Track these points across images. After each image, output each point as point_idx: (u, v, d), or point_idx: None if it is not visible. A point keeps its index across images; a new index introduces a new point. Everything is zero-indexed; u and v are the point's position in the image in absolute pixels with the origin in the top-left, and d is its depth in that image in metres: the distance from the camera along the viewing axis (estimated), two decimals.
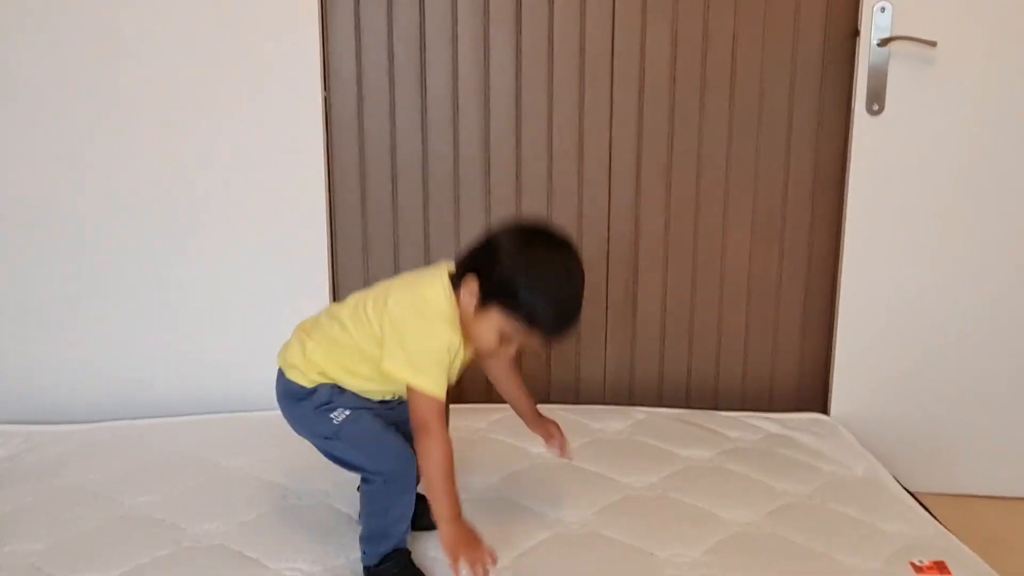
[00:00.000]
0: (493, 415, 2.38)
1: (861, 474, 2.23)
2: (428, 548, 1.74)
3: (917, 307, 2.57)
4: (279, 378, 1.71)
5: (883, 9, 2.41)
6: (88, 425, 2.41)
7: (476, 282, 1.58)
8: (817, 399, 2.69)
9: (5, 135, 2.43)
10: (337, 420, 1.64)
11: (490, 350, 1.63)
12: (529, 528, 1.86)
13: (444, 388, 1.57)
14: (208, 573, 1.70)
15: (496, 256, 1.57)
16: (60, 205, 2.48)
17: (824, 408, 2.66)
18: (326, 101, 2.51)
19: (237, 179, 2.49)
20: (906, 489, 2.18)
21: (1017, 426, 2.61)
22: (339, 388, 1.66)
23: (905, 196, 2.51)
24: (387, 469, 1.60)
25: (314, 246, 2.54)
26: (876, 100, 2.46)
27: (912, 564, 1.79)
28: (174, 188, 2.48)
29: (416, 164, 2.57)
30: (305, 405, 1.66)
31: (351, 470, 1.68)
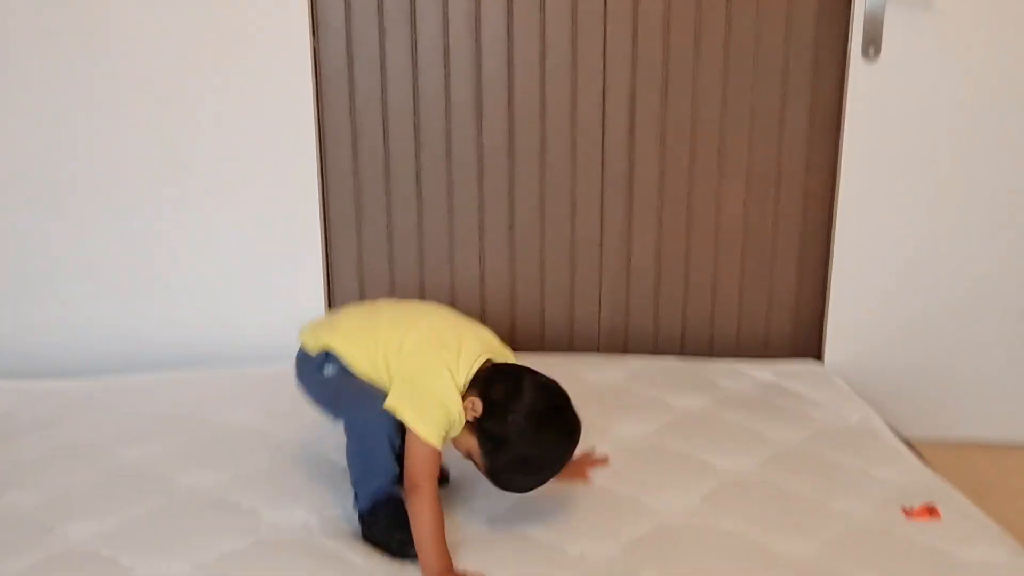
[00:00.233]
0: None
1: (854, 422, 2.24)
2: None
3: (912, 255, 2.57)
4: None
5: None
6: (83, 381, 2.41)
7: (481, 409, 1.62)
8: (811, 347, 2.69)
9: None
10: (327, 374, 1.74)
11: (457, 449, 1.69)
12: None
13: (440, 439, 1.60)
14: (203, 524, 1.71)
15: (507, 411, 1.61)
16: (53, 161, 2.47)
17: (818, 356, 2.67)
18: (315, 51, 2.47)
19: (227, 133, 2.48)
20: (899, 436, 2.19)
21: (1009, 373, 2.62)
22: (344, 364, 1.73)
23: (902, 143, 2.49)
24: (358, 419, 1.67)
25: (306, 197, 2.53)
26: (872, 45, 2.42)
27: (903, 508, 1.80)
28: (164, 143, 2.47)
29: (407, 112, 2.54)
30: (308, 365, 1.79)
31: (333, 420, 1.76)
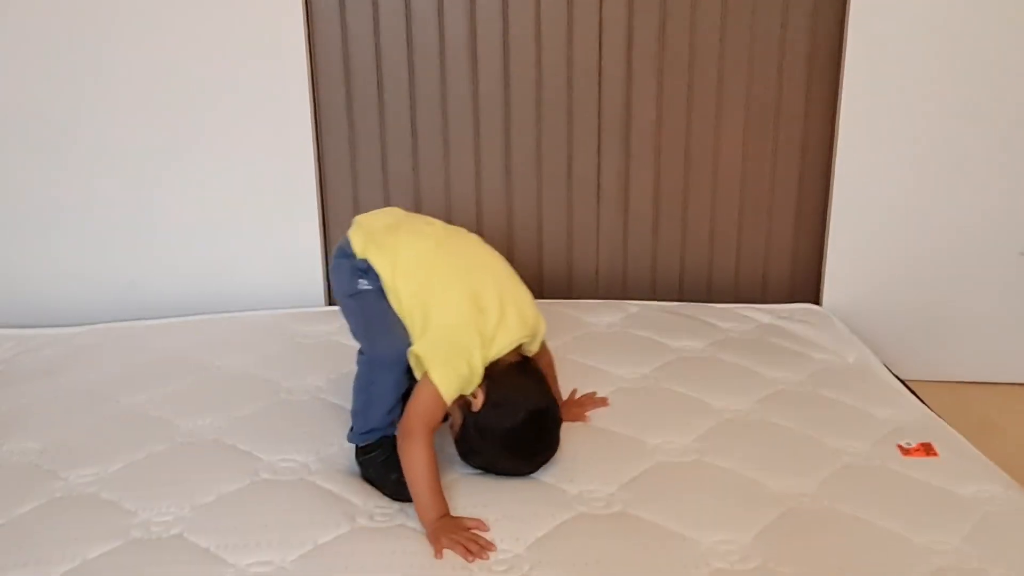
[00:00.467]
0: None
1: (852, 362, 2.25)
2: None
3: (911, 197, 2.55)
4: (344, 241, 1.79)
5: None
6: (82, 328, 2.42)
7: (481, 404, 1.62)
8: (810, 289, 2.69)
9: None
10: (361, 287, 1.71)
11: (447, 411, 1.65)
12: None
13: (452, 395, 1.59)
14: (203, 466, 1.72)
15: (495, 421, 1.62)
16: (51, 112, 2.46)
17: (816, 298, 2.66)
18: None
19: (221, 81, 2.46)
20: (897, 376, 2.20)
21: (1006, 313, 2.62)
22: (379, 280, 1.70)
23: (901, 80, 2.46)
24: (375, 353, 1.67)
25: (301, 143, 2.52)
26: None
27: (899, 446, 1.81)
28: (159, 91, 2.46)
29: (401, 49, 2.51)
30: (347, 263, 1.75)
31: (354, 338, 1.75)
